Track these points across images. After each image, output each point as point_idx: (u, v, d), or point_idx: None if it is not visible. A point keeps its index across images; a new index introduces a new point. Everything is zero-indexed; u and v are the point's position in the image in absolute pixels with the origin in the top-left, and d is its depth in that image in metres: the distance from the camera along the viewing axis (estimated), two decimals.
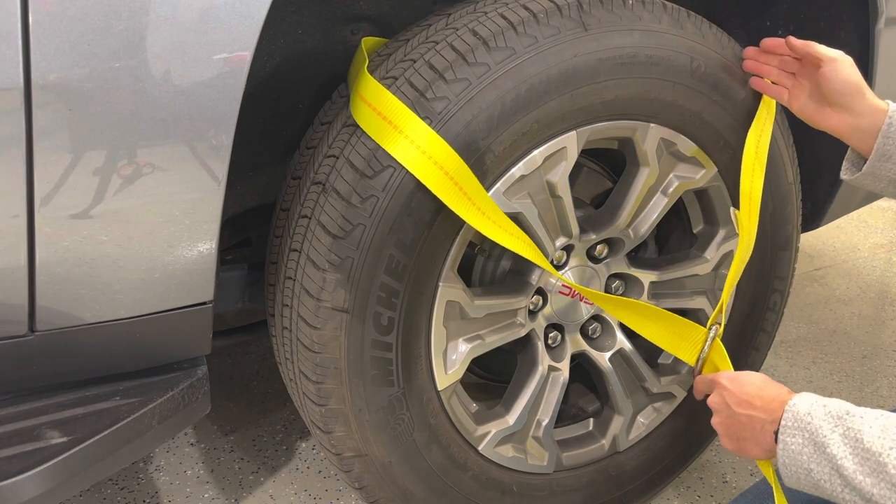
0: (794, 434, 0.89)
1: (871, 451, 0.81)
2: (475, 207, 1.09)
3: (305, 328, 1.14)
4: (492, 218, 1.10)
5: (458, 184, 1.07)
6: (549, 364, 1.37)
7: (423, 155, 1.05)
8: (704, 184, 1.34)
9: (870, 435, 0.82)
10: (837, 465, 0.84)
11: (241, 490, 1.61)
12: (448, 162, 1.06)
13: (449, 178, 1.06)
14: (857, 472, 0.82)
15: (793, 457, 0.89)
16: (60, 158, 0.89)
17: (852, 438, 0.84)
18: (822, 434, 0.86)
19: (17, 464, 0.92)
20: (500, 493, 1.36)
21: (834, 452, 0.84)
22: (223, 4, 0.92)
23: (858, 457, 0.82)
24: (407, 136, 1.06)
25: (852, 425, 0.84)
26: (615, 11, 1.17)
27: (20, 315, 0.96)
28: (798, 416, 0.90)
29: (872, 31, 1.43)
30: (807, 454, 0.87)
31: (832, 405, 0.89)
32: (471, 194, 1.08)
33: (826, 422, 0.87)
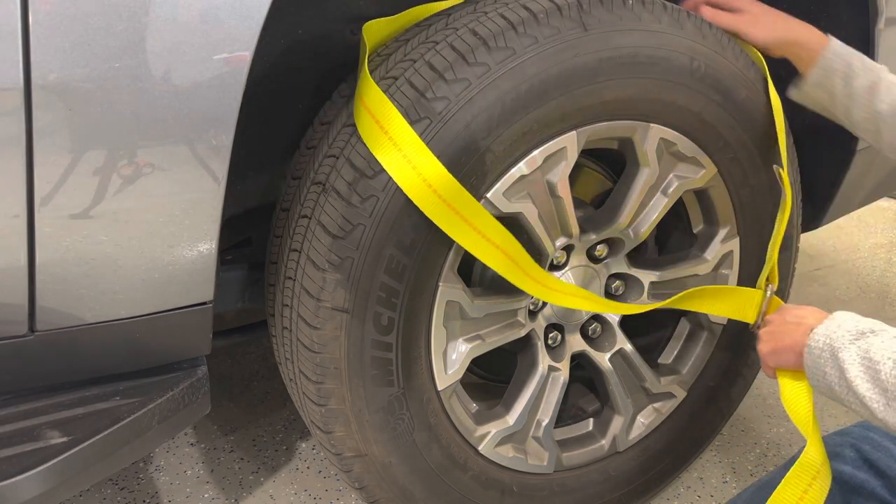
0: (819, 339, 0.99)
1: (872, 360, 0.91)
2: (465, 224, 1.09)
3: (305, 328, 1.14)
4: (484, 234, 1.10)
5: (445, 200, 1.07)
6: (549, 364, 1.37)
7: (413, 170, 1.05)
8: (704, 184, 1.34)
9: (878, 347, 0.91)
10: (844, 370, 0.93)
11: (241, 490, 1.61)
12: (437, 178, 1.06)
13: (436, 195, 1.06)
14: (857, 377, 0.92)
15: (814, 358, 1.00)
16: (60, 158, 0.89)
17: (864, 350, 0.93)
18: (842, 343, 0.95)
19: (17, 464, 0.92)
20: (500, 494, 1.36)
21: (844, 358, 0.94)
22: (223, 4, 0.92)
23: (863, 366, 0.91)
24: (400, 147, 1.06)
25: (872, 340, 0.93)
26: (615, 11, 1.17)
27: (20, 315, 0.96)
28: (830, 326, 0.99)
29: (872, 31, 1.43)
30: (825, 358, 0.97)
31: (864, 323, 0.97)
32: (461, 210, 1.08)
33: (850, 333, 0.96)
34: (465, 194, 1.08)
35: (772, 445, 1.83)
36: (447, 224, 1.08)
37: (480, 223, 1.10)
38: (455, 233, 1.09)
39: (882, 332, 0.94)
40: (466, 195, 1.08)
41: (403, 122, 1.06)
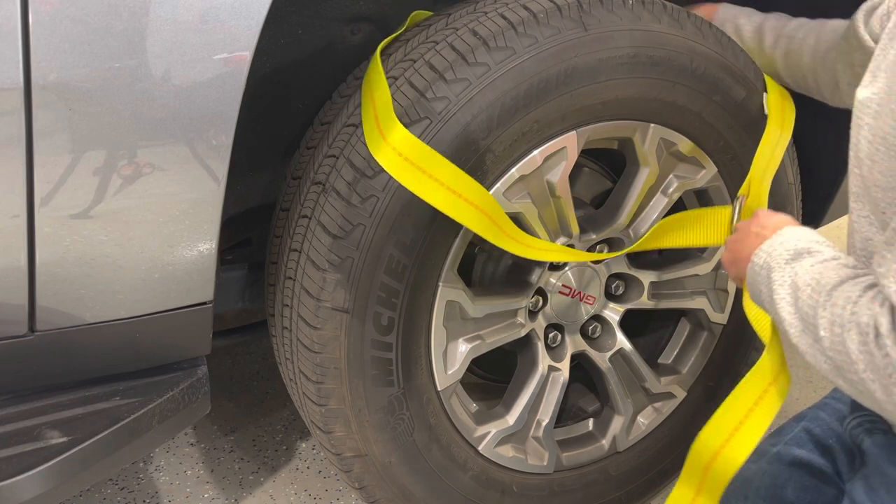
0: (760, 256, 0.97)
1: (797, 284, 0.88)
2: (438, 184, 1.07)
3: (305, 328, 1.14)
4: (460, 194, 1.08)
5: (414, 163, 1.05)
6: (549, 364, 1.37)
7: (382, 138, 1.05)
8: (704, 184, 1.34)
9: (804, 271, 0.89)
10: (773, 290, 0.92)
11: (241, 490, 1.61)
12: (403, 143, 1.05)
13: (402, 158, 1.05)
14: (782, 299, 0.90)
15: (753, 275, 0.98)
16: (60, 158, 0.89)
17: (794, 272, 0.91)
18: (777, 262, 0.94)
19: (17, 464, 0.92)
20: (501, 493, 1.36)
21: (775, 278, 0.92)
22: (223, 4, 0.92)
23: (791, 288, 0.89)
24: (377, 117, 1.07)
25: (804, 262, 0.91)
26: (615, 11, 1.17)
27: (20, 315, 0.97)
28: (773, 243, 0.97)
29: None
30: (762, 276, 0.96)
31: (804, 241, 0.94)
32: (433, 172, 1.06)
33: (787, 252, 0.94)
34: (434, 156, 1.06)
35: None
36: (419, 187, 1.06)
37: (454, 183, 1.07)
38: (428, 195, 1.06)
39: (816, 254, 0.91)
40: (436, 156, 1.06)
41: (384, 91, 1.07)
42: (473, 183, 1.08)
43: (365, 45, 1.35)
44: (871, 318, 0.77)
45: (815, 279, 0.87)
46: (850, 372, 0.80)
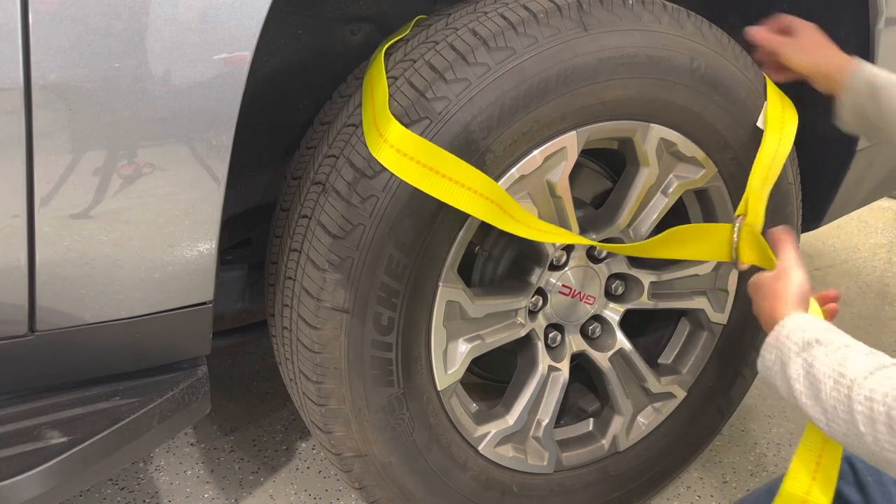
0: (770, 350, 1.00)
1: (815, 377, 0.92)
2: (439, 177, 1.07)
3: (305, 328, 1.14)
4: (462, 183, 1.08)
5: (413, 158, 1.05)
6: (549, 364, 1.37)
7: (380, 137, 1.06)
8: (704, 184, 1.34)
9: (820, 363, 0.92)
10: (791, 386, 0.95)
11: (241, 490, 1.61)
12: (399, 139, 1.05)
13: (401, 154, 1.05)
14: (802, 394, 0.93)
15: (766, 371, 1.01)
16: (60, 158, 0.89)
17: (809, 363, 0.93)
18: (789, 357, 0.96)
19: (17, 464, 0.92)
20: (500, 493, 1.36)
21: (791, 374, 0.95)
22: (223, 4, 0.92)
23: (808, 380, 0.93)
24: (374, 117, 1.08)
25: (815, 353, 0.94)
26: (615, 11, 1.17)
27: (20, 315, 0.96)
28: (779, 336, 1.00)
29: (872, 31, 1.43)
30: (775, 370, 0.99)
31: (810, 332, 0.97)
32: (432, 164, 1.06)
33: (796, 345, 0.96)
34: (433, 149, 1.06)
35: (772, 445, 1.83)
36: (421, 181, 1.05)
37: (456, 173, 1.07)
38: (431, 188, 1.06)
39: (828, 344, 0.93)
40: (435, 149, 1.06)
41: (383, 90, 1.07)
42: (475, 171, 1.08)
43: (365, 45, 1.35)
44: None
45: (836, 370, 0.89)
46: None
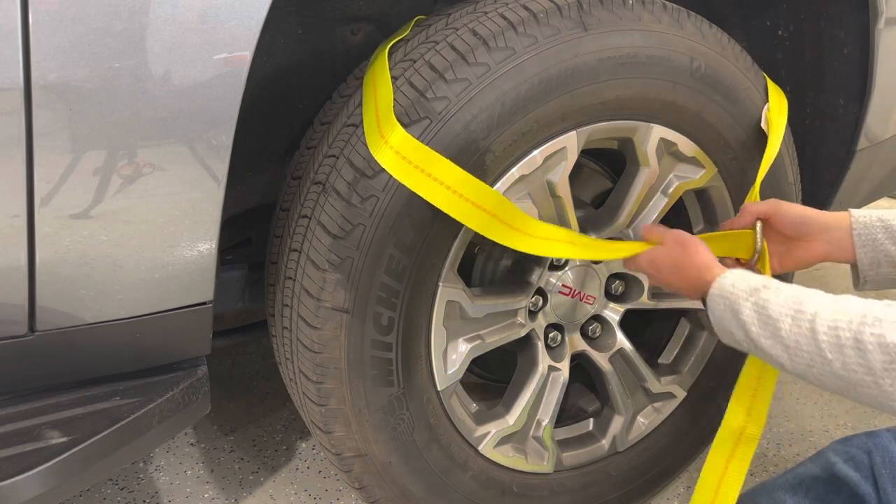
0: (717, 302, 1.04)
1: (770, 317, 0.96)
2: (434, 182, 1.06)
3: (305, 328, 1.14)
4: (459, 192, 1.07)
5: (411, 161, 1.05)
6: (549, 364, 1.37)
7: (382, 138, 1.06)
8: (704, 184, 1.34)
9: (774, 304, 0.97)
10: (747, 329, 0.99)
11: (241, 490, 1.61)
12: (399, 142, 1.05)
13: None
14: (759, 335, 0.98)
15: (717, 322, 1.05)
16: (60, 158, 0.89)
17: (760, 307, 0.98)
18: (738, 303, 1.01)
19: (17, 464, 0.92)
20: (500, 493, 1.36)
21: (744, 319, 0.99)
22: (223, 4, 0.92)
23: (762, 321, 0.98)
24: (378, 117, 1.08)
25: (764, 296, 0.98)
26: (615, 11, 1.17)
27: (20, 315, 0.96)
28: (723, 287, 1.04)
29: (872, 31, 1.43)
30: (727, 318, 1.03)
31: (753, 280, 1.02)
32: (429, 169, 1.06)
33: (744, 291, 1.01)
34: (434, 156, 1.06)
35: (772, 445, 1.83)
36: (419, 187, 1.06)
37: (455, 183, 1.07)
38: (429, 195, 1.06)
39: (774, 287, 0.99)
40: (436, 157, 1.06)
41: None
42: (475, 181, 1.08)
43: (365, 45, 1.35)
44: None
45: (793, 308, 0.94)
46: (868, 386, 0.87)
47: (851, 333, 0.88)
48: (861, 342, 0.86)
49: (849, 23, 1.47)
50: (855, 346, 0.87)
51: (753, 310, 0.99)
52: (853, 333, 0.87)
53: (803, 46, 1.56)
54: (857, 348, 0.87)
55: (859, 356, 0.86)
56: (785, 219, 1.19)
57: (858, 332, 0.87)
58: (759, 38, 1.61)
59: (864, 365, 0.86)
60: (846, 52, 1.50)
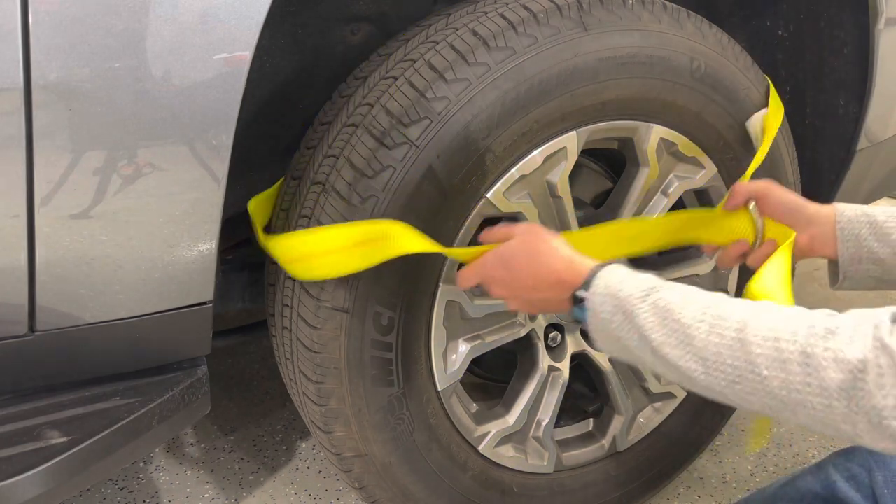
0: (603, 302, 0.88)
1: (680, 322, 0.81)
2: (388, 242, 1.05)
3: (305, 328, 1.14)
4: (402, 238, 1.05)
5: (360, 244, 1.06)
6: (549, 364, 1.37)
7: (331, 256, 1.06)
8: (704, 184, 1.34)
9: (680, 306, 0.82)
10: (646, 336, 0.83)
11: (241, 490, 1.61)
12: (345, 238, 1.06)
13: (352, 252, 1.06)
14: (664, 343, 0.82)
15: (602, 325, 0.88)
16: (60, 158, 0.89)
17: (663, 309, 0.83)
18: (633, 304, 0.85)
19: (17, 464, 0.92)
20: (501, 494, 1.36)
21: (642, 323, 0.84)
22: (223, 4, 0.92)
23: (668, 328, 0.82)
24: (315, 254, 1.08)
25: (665, 296, 0.84)
26: (615, 11, 1.17)
27: (20, 315, 0.96)
28: (609, 284, 0.89)
29: (872, 31, 1.43)
30: (616, 322, 0.86)
31: (643, 278, 0.88)
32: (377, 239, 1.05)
33: (638, 290, 0.86)
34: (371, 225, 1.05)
35: (772, 445, 1.83)
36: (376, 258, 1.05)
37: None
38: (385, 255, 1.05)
39: (671, 287, 0.85)
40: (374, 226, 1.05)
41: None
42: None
43: (365, 45, 1.35)
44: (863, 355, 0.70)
45: (709, 314, 0.80)
46: (814, 408, 0.74)
47: (798, 347, 0.74)
48: (811, 357, 0.73)
49: (849, 23, 1.47)
50: (803, 362, 0.73)
51: (654, 313, 0.83)
52: (800, 347, 0.74)
53: (803, 46, 1.56)
54: (806, 364, 0.73)
55: (807, 374, 0.73)
56: (776, 203, 1.11)
57: (808, 345, 0.73)
58: (759, 38, 1.61)
59: (813, 384, 0.72)
60: (846, 52, 1.50)
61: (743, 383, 0.78)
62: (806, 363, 0.73)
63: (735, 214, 1.17)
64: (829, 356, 0.72)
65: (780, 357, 0.74)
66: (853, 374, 0.70)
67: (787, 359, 0.74)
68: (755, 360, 0.76)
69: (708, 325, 0.80)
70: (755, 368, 0.76)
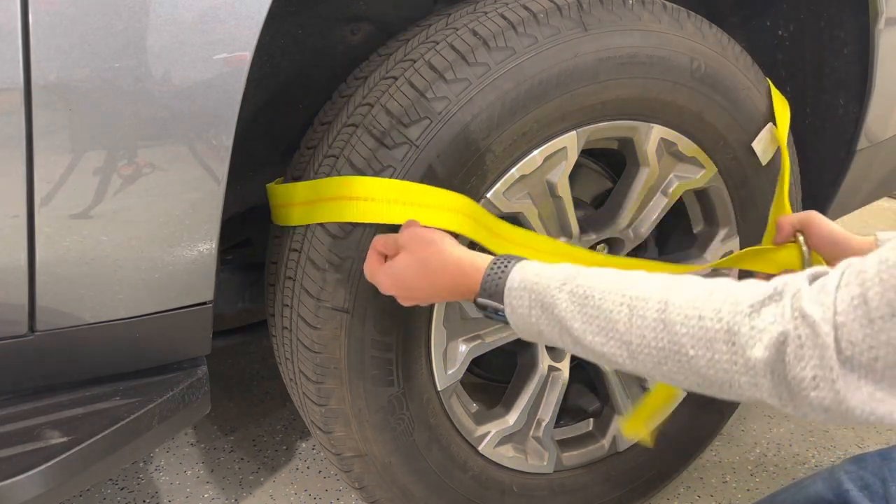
0: (518, 296, 0.87)
1: (600, 308, 0.79)
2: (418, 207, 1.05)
3: (305, 328, 1.14)
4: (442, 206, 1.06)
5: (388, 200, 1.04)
6: (548, 364, 1.37)
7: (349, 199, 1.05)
8: (705, 184, 1.34)
9: (600, 291, 0.80)
10: (566, 326, 0.82)
11: (241, 490, 1.61)
12: (367, 188, 1.05)
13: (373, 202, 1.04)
14: (585, 331, 0.81)
15: (520, 319, 0.87)
16: (60, 158, 0.89)
17: (581, 296, 0.81)
18: (550, 294, 0.83)
19: (17, 464, 0.92)
20: (501, 494, 1.36)
21: (561, 314, 0.82)
22: (223, 4, 0.92)
23: (587, 315, 0.80)
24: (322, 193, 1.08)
25: (583, 283, 0.82)
26: (615, 11, 1.17)
27: (20, 315, 0.96)
28: (524, 277, 0.87)
29: (872, 32, 1.43)
30: (535, 315, 0.85)
31: (558, 268, 0.86)
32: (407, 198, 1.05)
33: (555, 280, 0.84)
34: (402, 184, 1.04)
35: (772, 445, 1.83)
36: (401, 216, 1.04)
37: (430, 200, 1.04)
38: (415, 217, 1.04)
39: (584, 273, 0.83)
40: (403, 184, 1.05)
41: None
42: (448, 193, 1.07)
43: (365, 45, 1.35)
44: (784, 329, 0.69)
45: (628, 296, 0.78)
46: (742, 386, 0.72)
47: (723, 325, 0.72)
48: (737, 335, 0.71)
49: (849, 23, 1.47)
50: (728, 340, 0.71)
51: (571, 300, 0.81)
52: (725, 325, 0.71)
53: (803, 46, 1.56)
54: (732, 343, 0.71)
55: (733, 352, 0.71)
56: (818, 235, 1.12)
57: (733, 322, 0.71)
58: (759, 38, 1.61)
59: (739, 363, 0.71)
60: (846, 52, 1.50)
61: (669, 364, 0.76)
62: (732, 342, 0.71)
63: (784, 246, 1.19)
64: (753, 334, 0.70)
65: (706, 336, 0.73)
66: (776, 347, 0.69)
67: (712, 338, 0.72)
68: (680, 339, 0.74)
69: (628, 307, 0.78)
70: (681, 349, 0.74)
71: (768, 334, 0.69)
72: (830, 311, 0.66)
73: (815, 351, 0.66)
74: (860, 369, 0.65)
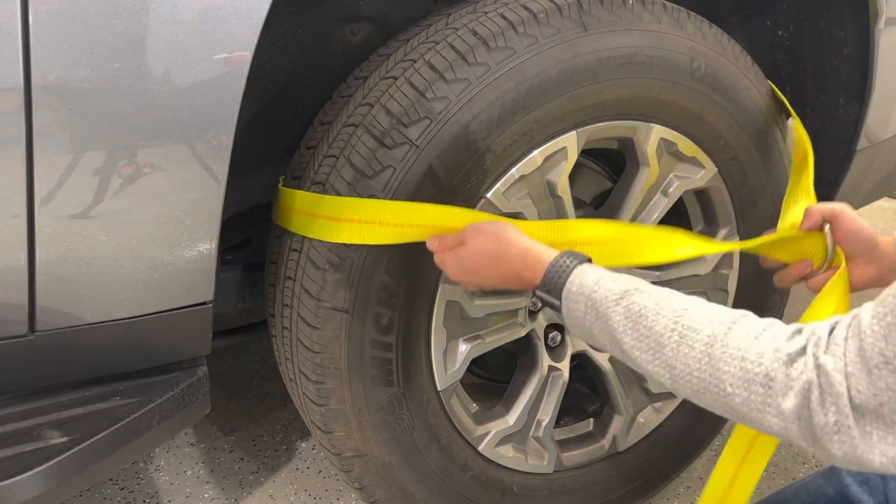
0: (576, 300, 0.92)
1: (651, 329, 0.84)
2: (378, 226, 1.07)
3: (305, 328, 1.14)
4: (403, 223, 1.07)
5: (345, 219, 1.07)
6: (549, 364, 1.37)
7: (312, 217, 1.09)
8: (704, 184, 1.34)
9: (653, 313, 0.85)
10: (617, 339, 0.87)
11: (241, 490, 1.61)
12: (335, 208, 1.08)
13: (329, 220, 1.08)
14: (634, 347, 0.86)
15: (575, 321, 0.93)
16: (60, 158, 0.89)
17: (635, 314, 0.86)
18: (606, 306, 0.88)
19: (17, 464, 0.92)
20: (501, 493, 1.36)
21: (614, 326, 0.87)
22: (223, 4, 0.92)
23: (638, 333, 0.85)
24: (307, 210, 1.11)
25: (638, 301, 0.87)
26: (615, 11, 1.17)
27: (20, 315, 0.96)
28: (583, 283, 0.92)
29: (872, 31, 1.43)
30: (589, 321, 0.91)
31: (620, 279, 0.91)
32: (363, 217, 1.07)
33: (612, 293, 0.89)
34: (394, 206, 1.06)
35: None
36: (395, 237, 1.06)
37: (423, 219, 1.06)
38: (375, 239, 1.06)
39: (646, 291, 0.88)
40: (395, 205, 1.06)
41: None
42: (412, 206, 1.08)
43: (365, 45, 1.35)
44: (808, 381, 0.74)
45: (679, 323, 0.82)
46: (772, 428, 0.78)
47: (762, 370, 0.76)
48: (774, 381, 0.76)
49: (849, 23, 1.47)
50: (765, 384, 0.76)
51: (626, 316, 0.86)
52: (764, 370, 0.76)
53: (803, 46, 1.56)
54: (769, 387, 0.76)
55: (768, 395, 0.76)
56: (846, 229, 1.10)
57: (771, 369, 0.76)
58: (759, 38, 1.61)
59: (772, 406, 0.76)
60: (846, 52, 1.50)
61: (707, 395, 0.81)
62: (768, 385, 0.76)
63: (808, 234, 1.16)
64: (788, 382, 0.75)
65: (746, 377, 0.77)
66: (803, 395, 0.74)
67: (751, 379, 0.77)
68: (721, 376, 0.79)
69: (679, 335, 0.83)
70: (720, 384, 0.79)
71: (798, 383, 0.74)
72: (841, 363, 0.72)
73: (833, 398, 0.72)
74: (870, 415, 0.71)
